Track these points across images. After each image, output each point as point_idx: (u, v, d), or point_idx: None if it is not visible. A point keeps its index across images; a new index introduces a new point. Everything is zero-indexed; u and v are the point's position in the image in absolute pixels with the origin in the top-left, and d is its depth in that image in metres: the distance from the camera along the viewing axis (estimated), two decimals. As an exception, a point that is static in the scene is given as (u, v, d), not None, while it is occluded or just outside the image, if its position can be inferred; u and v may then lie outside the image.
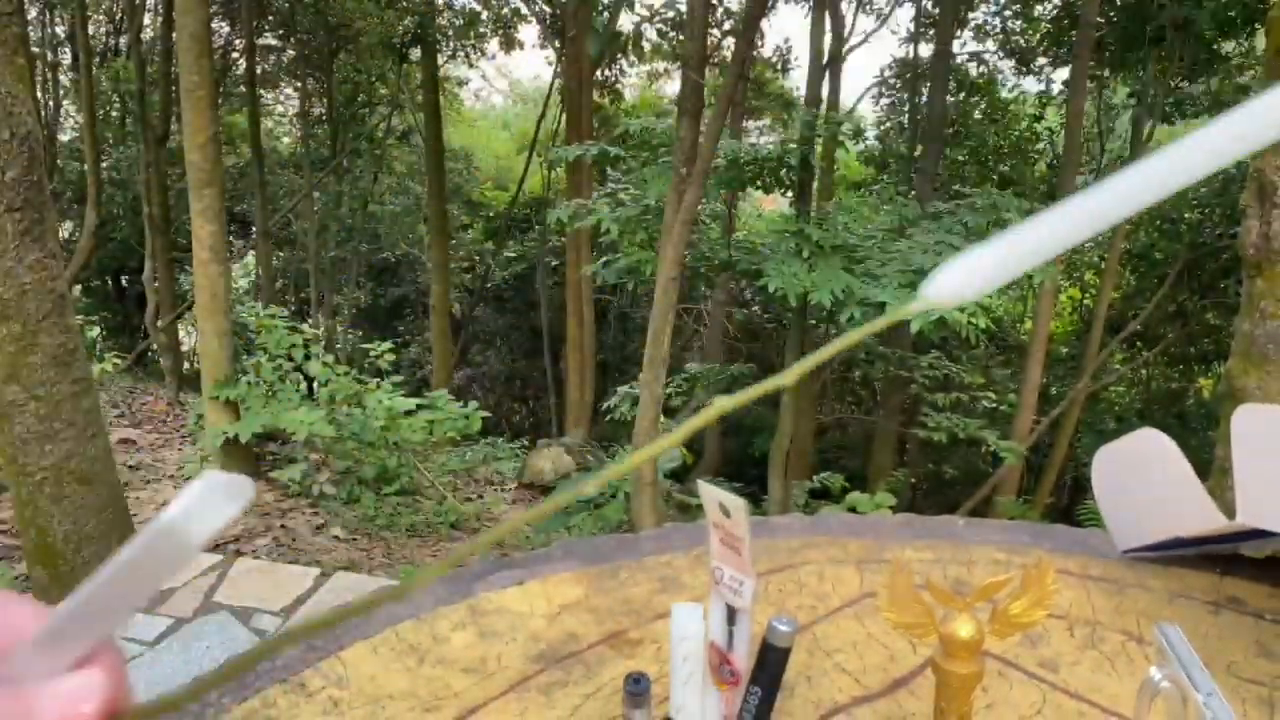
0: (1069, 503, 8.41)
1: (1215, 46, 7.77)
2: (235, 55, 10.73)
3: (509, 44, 10.44)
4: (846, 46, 8.59)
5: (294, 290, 12.85)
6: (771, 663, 0.46)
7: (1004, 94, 10.21)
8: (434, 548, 4.52)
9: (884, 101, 10.65)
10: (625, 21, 9.78)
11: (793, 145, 5.83)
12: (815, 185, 7.05)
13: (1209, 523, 0.71)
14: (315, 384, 5.06)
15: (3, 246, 2.52)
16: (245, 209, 11.49)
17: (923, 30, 9.56)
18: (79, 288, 10.93)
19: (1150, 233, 9.12)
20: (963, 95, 9.77)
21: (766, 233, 6.67)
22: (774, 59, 10.69)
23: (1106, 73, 8.96)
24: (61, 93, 11.23)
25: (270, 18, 10.24)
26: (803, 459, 7.48)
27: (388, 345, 5.20)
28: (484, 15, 10.35)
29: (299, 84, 11.27)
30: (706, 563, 0.80)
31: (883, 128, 10.93)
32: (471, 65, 11.63)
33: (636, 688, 0.47)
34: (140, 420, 5.91)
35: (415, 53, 10.23)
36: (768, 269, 4.99)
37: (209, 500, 0.26)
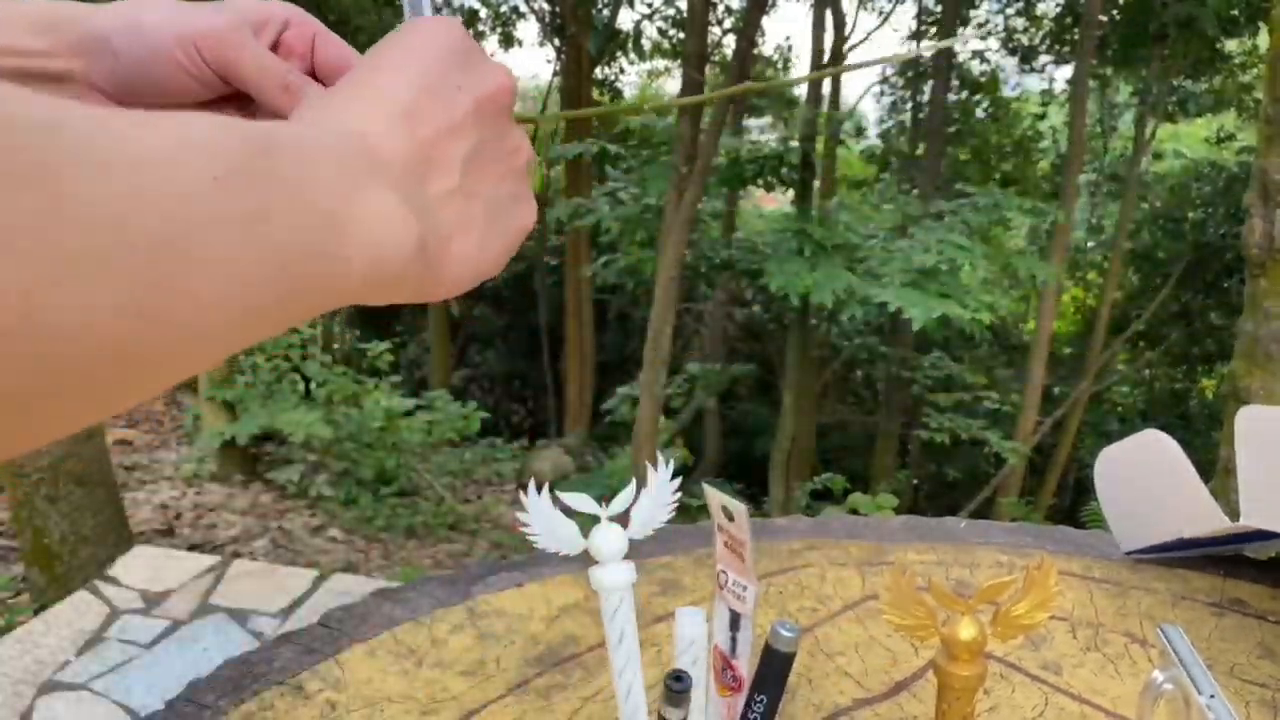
0: (1072, 504, 8.40)
1: (1218, 45, 7.76)
2: (235, 54, 10.73)
3: (508, 42, 10.43)
4: (848, 45, 8.59)
5: (294, 289, 12.83)
6: (775, 667, 0.45)
7: (1006, 92, 10.20)
8: (432, 549, 4.51)
9: (885, 99, 10.64)
10: (625, 19, 9.78)
11: (794, 143, 5.83)
12: (816, 184, 7.05)
13: (1212, 524, 0.71)
14: (313, 384, 5.05)
15: None
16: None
17: (924, 28, 9.55)
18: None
19: (1153, 232, 9.11)
20: (965, 93, 9.76)
21: (767, 231, 6.67)
22: (775, 57, 10.68)
23: (1109, 71, 8.95)
24: (62, 92, 11.24)
25: (270, 17, 10.24)
26: (804, 460, 7.47)
27: (385, 345, 5.20)
28: (483, 13, 10.35)
29: (299, 83, 11.26)
30: (707, 565, 0.79)
31: (884, 126, 10.92)
32: (471, 64, 11.60)
33: (679, 685, 0.45)
34: (137, 421, 5.91)
35: (415, 51, 10.21)
36: (769, 268, 4.99)
37: None
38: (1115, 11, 7.89)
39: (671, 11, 9.65)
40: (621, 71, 10.96)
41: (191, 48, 0.38)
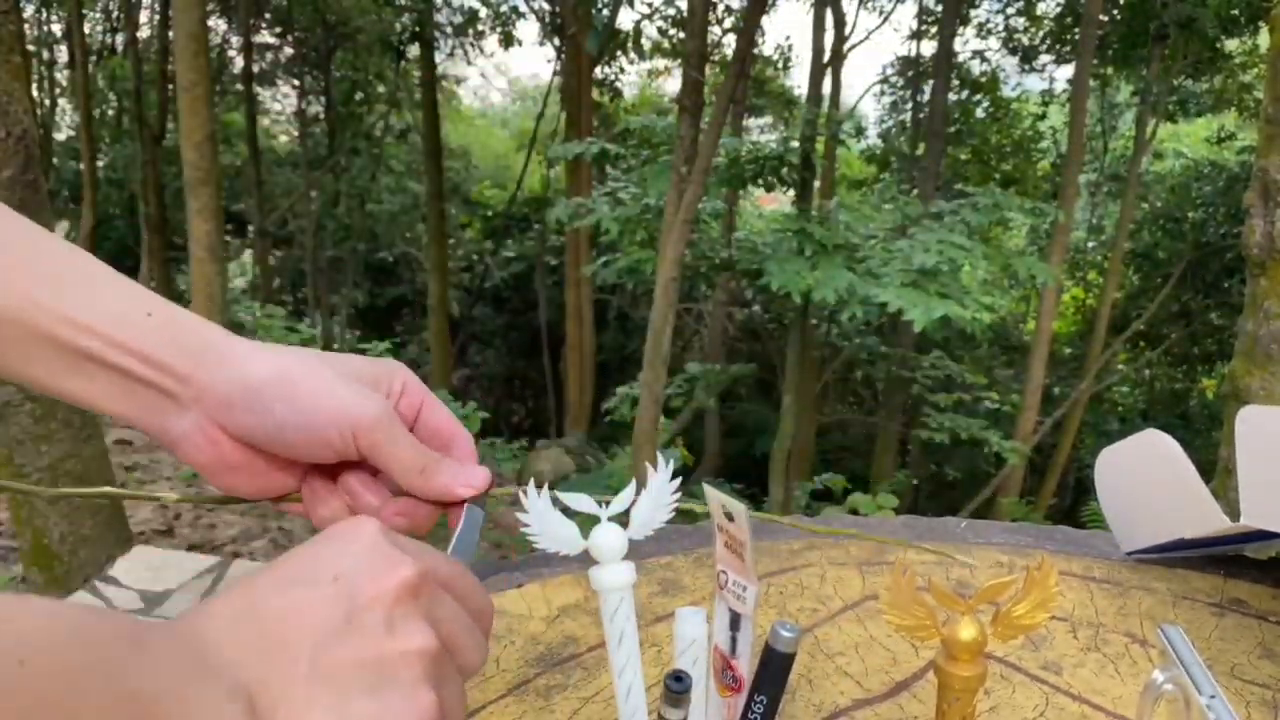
0: (1072, 504, 8.40)
1: (1218, 44, 7.77)
2: (232, 53, 10.74)
3: (508, 41, 10.44)
4: (848, 44, 8.59)
5: (291, 289, 12.87)
6: (775, 668, 0.45)
7: (1006, 92, 10.21)
8: (434, 547, 4.51)
9: (886, 99, 10.65)
10: (625, 18, 9.79)
11: (794, 143, 5.83)
12: (816, 183, 7.05)
13: (1213, 524, 0.70)
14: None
15: None
16: (242, 208, 11.50)
17: (925, 28, 9.56)
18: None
19: (1154, 232, 9.11)
20: (965, 93, 9.77)
21: (767, 231, 6.67)
22: (775, 56, 10.69)
23: (1110, 71, 8.95)
24: (58, 91, 11.25)
25: (267, 15, 10.24)
26: (804, 460, 7.47)
27: (385, 345, 5.20)
28: (483, 12, 10.36)
29: (296, 82, 11.28)
30: (707, 564, 0.79)
31: (884, 126, 10.93)
32: (470, 63, 11.65)
33: (678, 685, 0.45)
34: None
35: (413, 50, 10.23)
36: (769, 267, 4.99)
37: None
38: (1115, 11, 7.90)
39: (671, 11, 9.67)
40: (621, 71, 10.97)
41: (349, 434, 0.39)
